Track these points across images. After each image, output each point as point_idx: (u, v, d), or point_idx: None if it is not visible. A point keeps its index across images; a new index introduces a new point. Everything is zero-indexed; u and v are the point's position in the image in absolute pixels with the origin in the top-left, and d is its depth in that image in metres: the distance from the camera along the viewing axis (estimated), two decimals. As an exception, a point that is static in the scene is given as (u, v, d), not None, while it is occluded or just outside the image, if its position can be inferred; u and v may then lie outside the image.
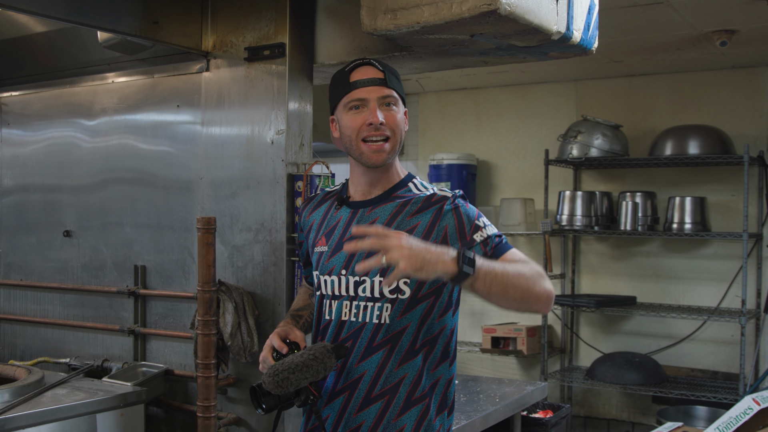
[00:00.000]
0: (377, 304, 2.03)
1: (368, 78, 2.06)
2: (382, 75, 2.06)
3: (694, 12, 4.21)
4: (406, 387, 2.01)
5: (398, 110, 2.08)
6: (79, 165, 3.61)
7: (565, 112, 6.15)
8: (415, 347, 2.02)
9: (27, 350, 3.76)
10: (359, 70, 2.08)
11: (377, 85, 2.05)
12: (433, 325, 2.05)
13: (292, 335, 2.09)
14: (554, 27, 2.56)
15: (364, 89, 2.05)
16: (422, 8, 2.44)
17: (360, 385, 2.03)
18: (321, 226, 2.19)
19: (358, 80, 2.06)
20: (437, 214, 2.03)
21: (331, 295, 2.11)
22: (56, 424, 2.70)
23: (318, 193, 2.32)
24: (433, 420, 2.04)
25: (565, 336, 6.16)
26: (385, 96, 2.06)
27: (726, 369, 5.57)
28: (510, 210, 6.04)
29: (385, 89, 2.06)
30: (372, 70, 2.07)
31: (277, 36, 2.99)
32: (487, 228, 2.06)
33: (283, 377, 1.90)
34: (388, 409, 2.01)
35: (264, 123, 3.01)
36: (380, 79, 2.06)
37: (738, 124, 5.53)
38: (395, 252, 1.74)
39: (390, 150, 2.06)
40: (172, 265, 3.29)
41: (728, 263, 5.54)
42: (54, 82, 3.71)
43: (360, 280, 2.05)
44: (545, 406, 4.68)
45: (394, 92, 2.07)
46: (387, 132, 2.05)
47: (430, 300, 2.03)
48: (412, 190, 2.12)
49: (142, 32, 2.96)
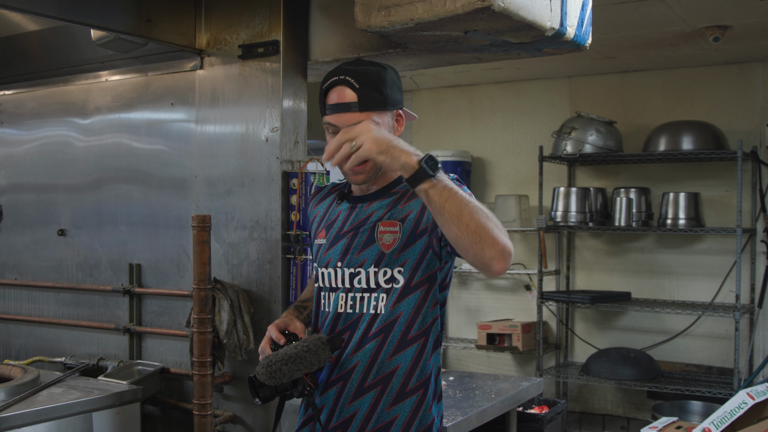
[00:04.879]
0: (373, 294, 2.04)
1: (339, 104, 1.97)
2: (355, 98, 1.96)
3: (687, 8, 4.22)
4: (400, 377, 2.02)
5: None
6: (73, 164, 3.60)
7: (559, 108, 6.16)
8: (407, 337, 2.03)
9: (22, 349, 3.75)
10: (333, 91, 1.99)
11: (349, 111, 1.97)
12: (428, 315, 2.05)
13: (292, 326, 2.10)
14: (548, 23, 2.57)
15: (334, 116, 1.99)
16: (416, 5, 2.44)
17: (353, 375, 2.04)
18: (323, 219, 2.21)
19: (330, 105, 2.00)
20: None
21: (329, 288, 2.12)
22: (52, 423, 2.69)
23: (326, 185, 2.32)
24: (428, 410, 2.05)
25: (560, 332, 6.17)
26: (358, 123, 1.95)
27: (720, 364, 5.59)
28: (505, 206, 6.05)
29: (358, 115, 1.96)
30: (345, 93, 1.98)
31: (271, 33, 2.99)
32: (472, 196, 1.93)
33: (276, 368, 1.91)
34: (381, 398, 2.03)
35: (258, 120, 3.00)
36: (353, 104, 1.96)
37: (731, 119, 5.55)
38: (362, 135, 1.77)
39: (370, 170, 2.02)
40: (167, 264, 3.28)
41: (722, 258, 5.56)
42: (47, 80, 3.71)
43: (355, 271, 2.06)
44: (541, 402, 4.69)
45: (368, 115, 1.97)
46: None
47: (423, 288, 2.03)
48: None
49: (135, 30, 2.96)
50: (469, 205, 1.77)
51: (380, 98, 2.00)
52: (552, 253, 6.13)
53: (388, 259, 2.02)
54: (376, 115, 1.99)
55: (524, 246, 6.28)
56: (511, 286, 6.36)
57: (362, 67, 2.03)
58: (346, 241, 2.09)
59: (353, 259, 2.07)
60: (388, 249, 2.02)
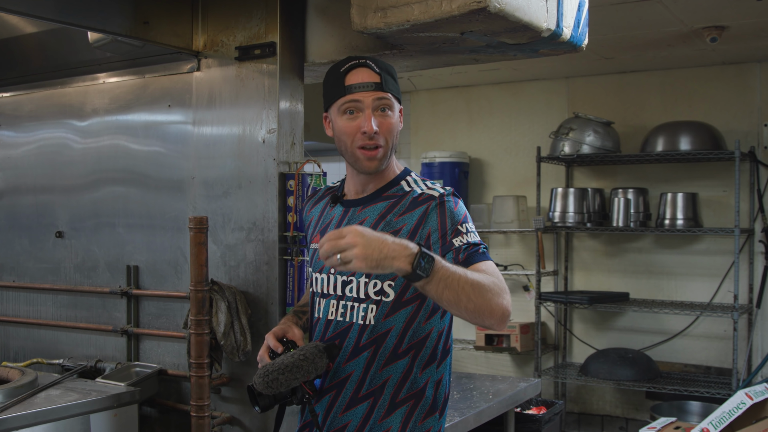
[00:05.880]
0: (362, 305, 2.02)
1: (364, 83, 2.01)
2: (378, 79, 2.01)
3: (685, 8, 4.23)
4: (391, 389, 2.01)
5: (393, 114, 2.05)
6: (71, 166, 3.60)
7: (557, 109, 6.17)
8: (399, 350, 2.01)
9: (20, 351, 3.75)
10: (355, 73, 2.02)
11: (373, 90, 2.00)
12: (419, 329, 2.02)
13: (290, 333, 2.09)
14: (544, 24, 2.57)
15: (359, 94, 2.00)
16: (412, 6, 2.44)
17: (347, 384, 2.03)
18: (318, 223, 2.20)
19: (353, 84, 2.01)
20: (422, 215, 1.99)
21: (321, 293, 2.12)
22: (50, 425, 2.69)
23: (321, 188, 2.32)
24: (419, 422, 2.02)
25: (559, 333, 6.18)
26: (381, 100, 2.02)
27: (719, 364, 5.59)
28: (502, 207, 6.06)
29: (381, 93, 2.01)
30: (368, 73, 2.02)
31: (268, 35, 2.99)
32: (468, 235, 1.97)
33: (273, 378, 1.91)
34: (374, 410, 2.01)
35: (255, 122, 3.01)
36: (376, 84, 2.01)
37: (729, 120, 5.56)
38: (350, 251, 1.70)
39: (382, 156, 2.04)
40: (164, 265, 3.28)
41: (720, 259, 5.56)
42: (45, 82, 3.70)
43: (347, 279, 2.05)
44: (539, 403, 4.69)
45: (389, 96, 2.03)
46: (380, 141, 2.02)
47: (415, 303, 2.01)
48: (404, 188, 2.08)
49: (132, 32, 2.96)
50: (466, 289, 1.78)
51: (396, 87, 2.08)
52: (550, 254, 6.13)
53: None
54: (393, 101, 2.05)
55: (522, 247, 6.29)
56: (509, 287, 6.35)
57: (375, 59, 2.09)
58: None
59: None
60: None
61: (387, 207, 2.06)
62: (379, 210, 2.06)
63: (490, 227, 6.13)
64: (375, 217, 2.05)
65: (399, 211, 2.03)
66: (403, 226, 2.00)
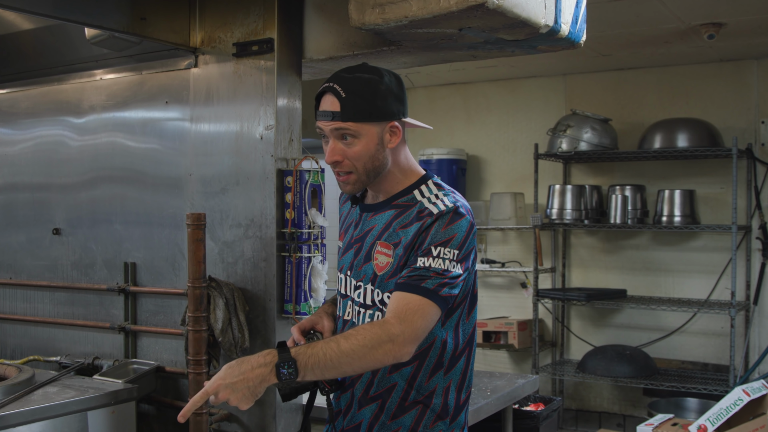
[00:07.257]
0: (369, 311, 2.03)
1: (324, 111, 1.97)
2: (338, 107, 1.94)
3: (682, 5, 4.23)
4: (399, 393, 2.01)
5: (359, 140, 1.96)
6: (68, 163, 3.59)
7: (555, 106, 6.17)
8: None
9: (17, 349, 3.74)
10: (322, 99, 1.99)
11: (330, 120, 1.95)
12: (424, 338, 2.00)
13: (319, 325, 2.12)
14: (542, 20, 2.57)
15: (320, 122, 1.99)
16: (410, 2, 2.44)
17: (357, 384, 2.05)
18: (345, 220, 2.22)
19: (318, 111, 2.00)
20: (418, 232, 1.95)
21: (341, 293, 2.14)
22: (47, 422, 2.69)
23: None
24: (429, 425, 2.02)
25: (556, 329, 6.18)
26: (339, 130, 1.96)
27: (716, 361, 5.60)
28: (500, 204, 6.06)
29: (338, 124, 1.95)
30: (329, 101, 1.96)
31: (266, 31, 2.98)
32: (435, 259, 1.89)
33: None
34: (383, 410, 2.03)
35: (253, 119, 3.00)
36: (334, 113, 1.94)
37: (726, 117, 5.56)
38: (221, 393, 1.76)
39: (355, 181, 2.01)
40: (162, 262, 3.28)
41: (718, 255, 5.57)
42: (41, 79, 3.69)
43: (357, 284, 2.06)
44: (536, 399, 4.70)
45: (350, 125, 1.94)
46: (348, 168, 1.99)
47: None
48: (415, 198, 2.03)
49: (129, 29, 2.95)
50: (342, 361, 1.80)
51: (367, 109, 1.95)
52: (548, 251, 6.14)
53: (379, 281, 2.00)
54: (359, 126, 1.95)
55: (520, 244, 6.29)
56: (507, 284, 6.37)
57: (358, 74, 1.98)
58: (353, 252, 2.09)
59: (357, 272, 2.06)
60: (380, 271, 2.00)
61: (393, 216, 2.03)
62: (386, 218, 2.04)
63: (488, 224, 6.13)
64: (382, 225, 2.04)
65: (402, 223, 2.00)
66: (402, 238, 1.98)
